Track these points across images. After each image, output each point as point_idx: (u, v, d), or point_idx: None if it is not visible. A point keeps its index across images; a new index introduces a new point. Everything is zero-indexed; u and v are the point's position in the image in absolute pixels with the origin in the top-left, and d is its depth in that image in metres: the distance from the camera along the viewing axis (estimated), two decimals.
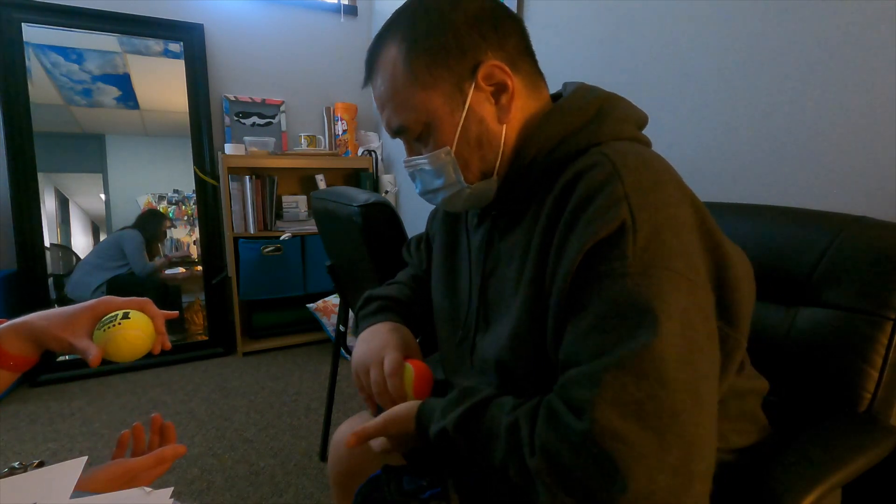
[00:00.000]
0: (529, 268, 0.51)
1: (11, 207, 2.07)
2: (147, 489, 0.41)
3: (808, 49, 0.88)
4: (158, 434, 0.65)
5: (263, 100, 2.54)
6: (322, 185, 2.58)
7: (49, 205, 2.21)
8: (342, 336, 1.56)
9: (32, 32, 2.08)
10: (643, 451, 0.37)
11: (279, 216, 2.50)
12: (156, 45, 2.30)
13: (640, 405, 0.38)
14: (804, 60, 0.89)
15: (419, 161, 0.58)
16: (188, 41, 2.33)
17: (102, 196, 2.37)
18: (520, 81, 0.55)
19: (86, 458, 0.42)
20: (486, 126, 0.54)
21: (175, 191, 2.48)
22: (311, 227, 2.48)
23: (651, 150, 0.52)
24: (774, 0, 0.92)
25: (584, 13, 1.37)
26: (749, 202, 0.85)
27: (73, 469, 0.41)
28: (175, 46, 2.33)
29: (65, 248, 2.33)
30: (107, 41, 2.21)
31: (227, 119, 2.47)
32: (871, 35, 0.79)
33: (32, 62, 2.09)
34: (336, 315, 2.36)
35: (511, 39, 0.54)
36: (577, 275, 0.45)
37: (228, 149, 2.32)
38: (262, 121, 2.56)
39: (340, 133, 2.61)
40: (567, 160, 0.51)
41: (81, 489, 0.40)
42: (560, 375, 0.44)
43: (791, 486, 0.48)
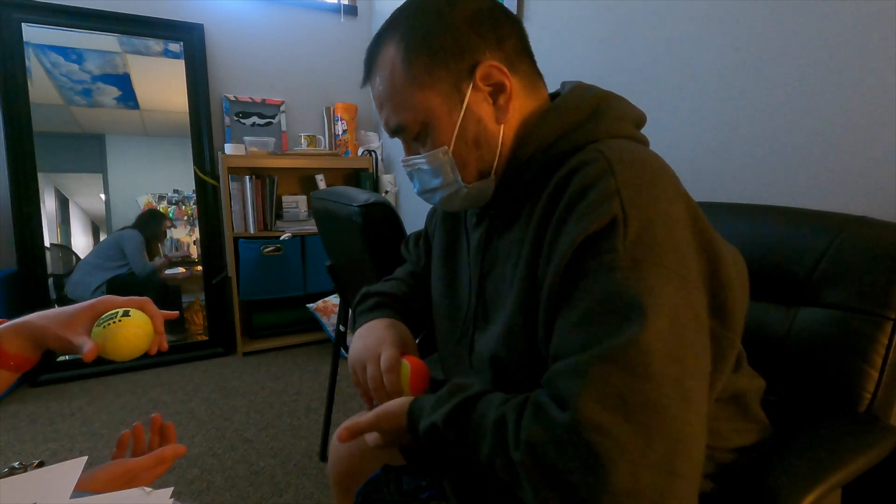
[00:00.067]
0: (523, 263, 0.52)
1: (11, 207, 2.07)
2: (147, 489, 0.41)
3: (808, 49, 0.88)
4: (158, 434, 0.65)
5: (263, 100, 2.54)
6: (322, 185, 2.58)
7: (49, 205, 2.21)
8: (342, 336, 1.56)
9: (32, 32, 2.08)
10: (626, 445, 0.36)
11: (279, 216, 2.50)
12: (156, 45, 2.30)
13: (625, 399, 0.37)
14: (804, 60, 0.89)
15: (417, 160, 0.58)
16: (188, 41, 2.33)
17: (102, 196, 2.37)
18: (518, 82, 0.55)
19: (86, 458, 0.42)
20: (484, 126, 0.54)
21: (175, 191, 2.48)
22: (311, 227, 2.48)
23: (647, 149, 0.52)
24: (774, 0, 0.92)
25: (584, 13, 1.37)
26: (749, 202, 0.85)
27: (73, 469, 0.41)
28: (175, 46, 2.33)
29: (65, 248, 2.33)
30: (107, 41, 2.21)
31: (227, 119, 2.47)
32: (871, 35, 0.79)
33: (32, 62, 2.09)
34: (336, 315, 2.36)
35: (509, 40, 0.55)
36: (568, 269, 0.45)
37: (228, 149, 2.32)
38: (262, 121, 2.56)
39: (340, 133, 2.61)
40: (563, 157, 0.51)
41: (81, 489, 0.40)
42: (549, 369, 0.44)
43: (791, 486, 0.48)
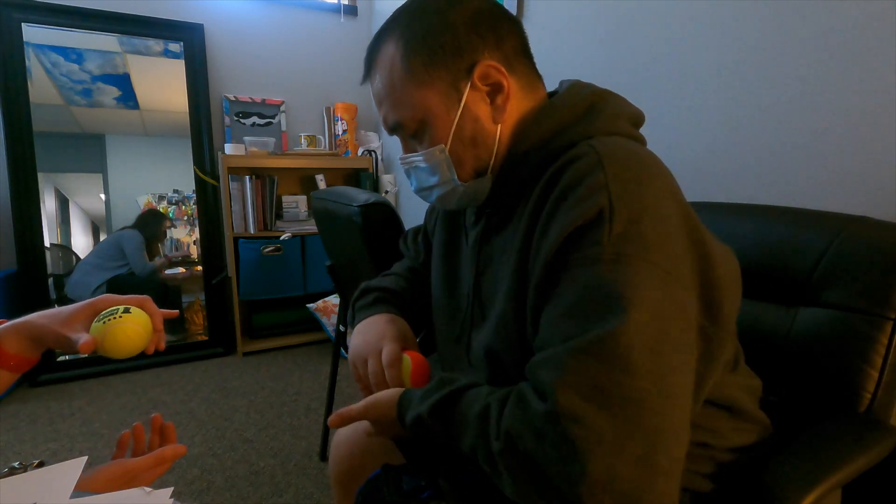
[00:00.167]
0: (514, 255, 0.52)
1: (11, 207, 2.07)
2: (147, 489, 0.41)
3: (809, 49, 0.88)
4: (158, 434, 0.65)
5: (263, 100, 2.54)
6: (322, 185, 2.58)
7: (49, 205, 2.21)
8: (342, 336, 1.56)
9: (32, 32, 2.08)
10: (604, 437, 0.36)
11: (279, 216, 2.50)
12: (156, 45, 2.30)
13: (603, 390, 0.37)
14: (804, 60, 0.89)
15: (414, 158, 0.58)
16: (188, 41, 2.33)
17: (102, 196, 2.37)
18: (516, 82, 0.55)
19: (86, 458, 0.42)
20: (481, 125, 0.54)
21: (175, 191, 2.48)
22: (311, 227, 2.48)
23: (642, 146, 0.52)
24: (775, 0, 0.92)
25: (584, 13, 1.37)
26: (749, 202, 0.85)
27: (73, 469, 0.41)
28: (175, 46, 2.33)
29: (65, 248, 2.33)
30: (107, 41, 2.21)
31: (227, 119, 2.47)
32: (871, 35, 0.79)
33: (32, 62, 2.09)
34: (336, 315, 2.36)
35: (508, 40, 0.55)
36: (554, 261, 0.45)
37: (228, 149, 2.32)
38: (262, 121, 2.56)
39: (340, 133, 2.61)
40: (558, 154, 0.51)
41: (81, 489, 0.40)
42: None
43: (791, 486, 0.48)
